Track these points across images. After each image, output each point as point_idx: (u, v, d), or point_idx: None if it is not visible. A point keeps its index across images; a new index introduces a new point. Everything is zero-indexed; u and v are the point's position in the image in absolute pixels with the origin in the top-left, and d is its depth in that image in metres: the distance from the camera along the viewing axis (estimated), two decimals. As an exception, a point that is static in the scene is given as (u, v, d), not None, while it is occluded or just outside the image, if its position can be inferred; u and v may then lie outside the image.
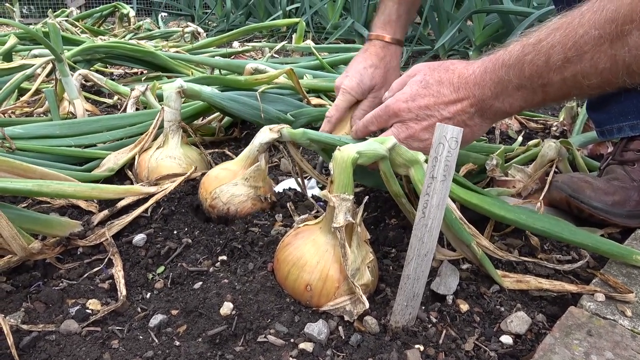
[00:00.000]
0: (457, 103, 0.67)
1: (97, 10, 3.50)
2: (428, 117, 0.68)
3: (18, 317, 0.61)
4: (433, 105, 0.67)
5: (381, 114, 0.73)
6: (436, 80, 0.68)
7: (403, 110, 0.69)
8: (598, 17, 0.52)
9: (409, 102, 0.69)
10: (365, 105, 0.92)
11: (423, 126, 0.69)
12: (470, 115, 0.67)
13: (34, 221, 0.71)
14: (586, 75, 0.55)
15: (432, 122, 0.68)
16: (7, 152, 0.94)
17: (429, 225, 0.54)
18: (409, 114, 0.69)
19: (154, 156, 0.96)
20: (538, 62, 0.58)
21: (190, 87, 0.99)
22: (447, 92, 0.67)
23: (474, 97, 0.65)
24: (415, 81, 0.70)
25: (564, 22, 0.56)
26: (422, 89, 0.68)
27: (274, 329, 0.58)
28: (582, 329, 0.57)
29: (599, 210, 0.81)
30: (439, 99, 0.67)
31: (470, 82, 0.65)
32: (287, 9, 3.60)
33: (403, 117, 0.70)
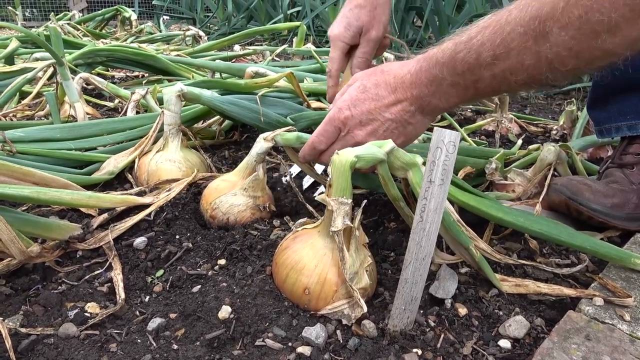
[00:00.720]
0: (397, 104, 0.68)
1: (99, 14, 3.52)
2: (371, 121, 0.69)
3: (17, 320, 0.61)
4: (374, 109, 0.68)
5: (326, 127, 0.72)
6: (373, 84, 0.69)
7: (347, 118, 0.70)
8: (523, 15, 0.54)
9: (351, 109, 0.69)
10: (361, 52, 0.90)
11: (368, 131, 0.70)
12: (412, 114, 0.68)
13: (33, 224, 0.71)
14: (514, 71, 0.57)
15: (375, 126, 0.69)
16: (8, 155, 0.94)
17: (427, 229, 0.54)
18: (353, 121, 0.70)
19: (153, 159, 0.97)
20: (469, 59, 0.59)
21: (190, 91, 0.99)
22: (385, 94, 0.68)
23: (412, 96, 0.67)
24: (353, 88, 0.71)
25: (493, 21, 0.58)
26: (361, 94, 0.69)
27: (272, 332, 0.58)
28: (581, 333, 0.57)
29: (598, 212, 0.81)
30: (379, 102, 0.68)
31: (407, 82, 0.67)
32: (288, 12, 3.61)
33: (348, 125, 0.70)
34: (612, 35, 0.49)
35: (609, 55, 0.52)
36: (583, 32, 0.50)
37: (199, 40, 2.66)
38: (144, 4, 5.69)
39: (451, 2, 2.77)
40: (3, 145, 0.95)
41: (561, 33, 0.51)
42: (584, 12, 0.49)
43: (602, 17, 0.48)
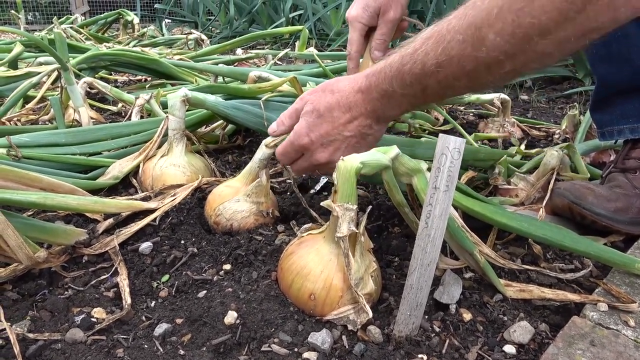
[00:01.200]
0: (354, 120, 0.70)
1: (101, 17, 3.54)
2: (332, 142, 0.72)
3: (24, 326, 0.61)
4: (332, 130, 0.71)
5: (288, 149, 0.75)
6: (325, 108, 0.71)
7: (308, 144, 0.72)
8: (461, 24, 0.56)
9: (310, 135, 0.72)
10: (379, 34, 0.91)
11: (330, 151, 0.72)
12: (369, 126, 0.71)
13: (40, 230, 0.71)
14: (456, 76, 0.60)
15: (337, 145, 0.72)
16: (14, 160, 0.95)
17: (432, 235, 0.54)
18: (314, 145, 0.72)
19: (158, 164, 0.97)
20: (415, 70, 0.62)
21: (195, 96, 1.00)
22: (340, 115, 0.70)
23: (367, 111, 0.70)
24: (306, 112, 0.73)
25: (435, 31, 0.60)
26: (316, 119, 0.71)
27: (277, 338, 0.59)
28: (585, 339, 0.57)
29: (601, 216, 0.82)
30: (334, 123, 0.71)
31: (359, 100, 0.69)
32: (290, 16, 3.62)
33: (310, 149, 0.73)
34: (543, 37, 0.52)
35: (543, 56, 0.54)
36: (516, 36, 0.53)
37: (202, 43, 2.67)
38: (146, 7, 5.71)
39: (453, 5, 2.77)
40: (9, 150, 0.96)
41: (496, 38, 0.54)
42: (516, 16, 0.52)
43: (533, 20, 0.51)
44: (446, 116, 1.44)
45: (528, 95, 2.09)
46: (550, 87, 2.26)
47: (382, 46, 0.92)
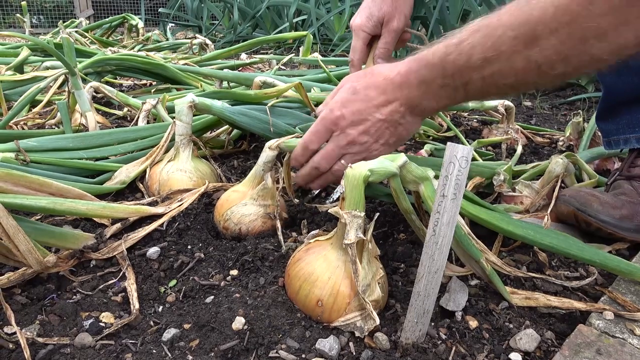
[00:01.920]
0: (388, 105, 0.69)
1: (106, 22, 3.55)
2: (363, 120, 0.70)
3: (34, 330, 0.61)
4: (365, 110, 0.70)
5: (319, 127, 0.74)
6: (363, 86, 0.70)
7: (339, 118, 0.71)
8: (513, 20, 0.56)
9: (342, 109, 0.71)
10: (383, 42, 0.92)
11: (360, 130, 0.71)
12: (402, 114, 0.70)
13: (49, 234, 0.72)
14: (503, 74, 0.58)
15: (367, 126, 0.70)
16: (22, 165, 0.96)
17: (440, 242, 0.54)
18: (344, 121, 0.71)
19: (165, 169, 0.98)
20: (459, 61, 0.60)
21: (202, 102, 1.00)
22: (375, 95, 0.69)
23: (402, 97, 0.68)
24: (344, 89, 0.72)
25: (483, 24, 0.59)
26: (351, 95, 0.71)
27: (285, 344, 0.59)
28: (592, 347, 0.57)
29: (606, 223, 0.82)
30: (369, 102, 0.70)
31: (396, 83, 0.68)
32: (294, 21, 3.64)
33: (340, 125, 0.71)
34: (599, 41, 0.51)
35: (597, 61, 0.53)
36: (572, 37, 0.52)
37: (206, 48, 2.68)
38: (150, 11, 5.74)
39: (456, 11, 2.78)
40: (17, 154, 0.97)
41: (551, 38, 0.53)
42: (572, 17, 0.51)
43: (590, 24, 0.50)
44: (449, 123, 1.44)
45: (531, 101, 2.10)
46: (554, 93, 2.26)
47: (385, 54, 0.93)
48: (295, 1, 3.56)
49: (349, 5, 3.27)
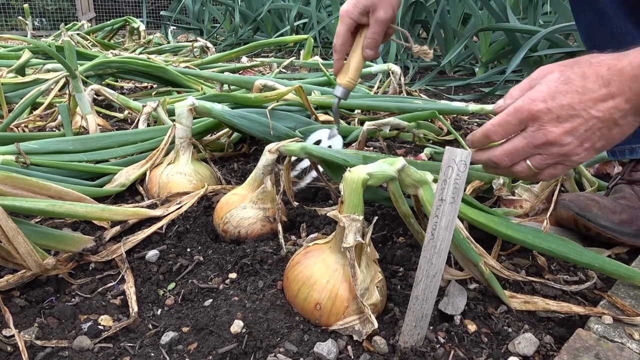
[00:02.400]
0: (609, 100, 0.57)
1: (108, 24, 3.57)
2: (572, 117, 0.58)
3: (32, 333, 0.61)
4: (578, 104, 0.58)
5: (509, 119, 0.61)
6: (579, 75, 0.59)
7: (542, 112, 0.59)
8: None
9: (548, 102, 0.59)
10: (370, 32, 0.90)
11: (565, 129, 0.59)
12: (624, 114, 0.58)
13: (48, 237, 0.72)
14: None
15: (576, 124, 0.59)
16: (22, 167, 0.96)
17: (438, 246, 0.54)
18: (548, 115, 0.59)
19: (164, 172, 0.98)
20: None
21: (202, 105, 1.01)
22: (594, 87, 0.58)
23: (631, 92, 0.56)
24: (551, 79, 0.60)
25: None
26: (563, 86, 0.59)
27: (283, 347, 0.59)
28: (590, 351, 0.57)
29: (606, 228, 0.82)
30: (584, 95, 0.58)
31: (627, 74, 0.56)
32: (295, 24, 3.64)
33: (541, 120, 0.60)
34: None
35: None
36: None
37: (207, 51, 2.69)
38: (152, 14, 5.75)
39: (456, 15, 2.79)
40: (18, 157, 0.97)
41: None
42: None
43: None
44: (449, 127, 1.44)
45: (532, 105, 2.10)
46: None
47: (373, 45, 0.92)
48: (296, 4, 3.58)
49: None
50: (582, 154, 0.60)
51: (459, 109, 1.49)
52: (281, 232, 0.80)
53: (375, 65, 1.99)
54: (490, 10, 2.48)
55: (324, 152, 0.81)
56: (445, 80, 2.55)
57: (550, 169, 0.62)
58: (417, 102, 1.48)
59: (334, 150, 0.87)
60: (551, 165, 0.62)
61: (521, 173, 0.64)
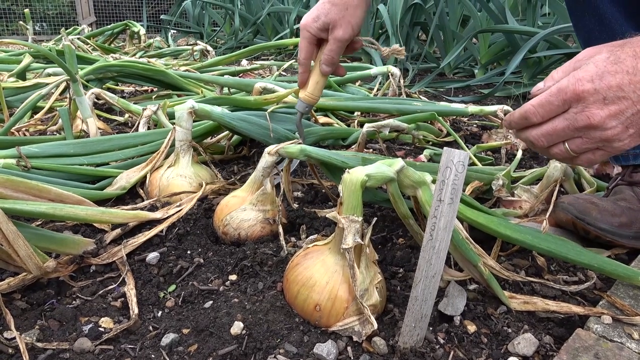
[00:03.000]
0: None
1: (108, 28, 3.58)
2: (619, 99, 0.55)
3: (33, 335, 0.62)
4: (628, 84, 0.54)
5: (552, 99, 0.58)
6: (630, 55, 0.55)
7: (587, 92, 0.55)
8: None
9: (595, 82, 0.55)
10: (327, 49, 0.90)
11: (611, 112, 0.55)
12: None
13: (49, 240, 0.72)
14: None
15: (623, 107, 0.55)
16: (23, 171, 0.96)
17: (437, 247, 0.55)
18: (594, 97, 0.55)
19: (165, 175, 0.98)
20: None
21: (202, 108, 1.01)
22: None
23: None
24: (600, 59, 0.56)
25: None
26: (612, 65, 0.55)
27: (283, 348, 0.59)
28: (590, 351, 0.57)
29: (605, 231, 0.82)
30: (635, 76, 0.54)
31: None
32: (295, 27, 3.65)
33: (586, 101, 0.56)
34: None
35: None
36: None
37: (207, 54, 2.70)
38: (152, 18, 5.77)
39: (455, 17, 2.80)
40: (19, 160, 0.97)
41: None
42: None
43: None
44: (448, 128, 1.44)
45: (531, 106, 2.10)
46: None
47: (330, 62, 0.92)
48: (296, 8, 3.59)
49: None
50: (626, 140, 0.57)
51: (458, 110, 1.49)
52: (282, 233, 0.80)
53: (375, 67, 1.99)
54: (489, 12, 2.49)
55: (323, 154, 0.81)
56: (444, 82, 2.55)
57: (589, 154, 0.59)
58: (416, 104, 1.48)
59: (333, 152, 0.87)
60: (590, 150, 0.59)
61: (557, 155, 0.62)
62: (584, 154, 0.59)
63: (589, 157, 0.60)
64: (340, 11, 0.87)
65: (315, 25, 0.88)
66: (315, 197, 1.04)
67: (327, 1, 0.88)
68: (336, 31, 0.88)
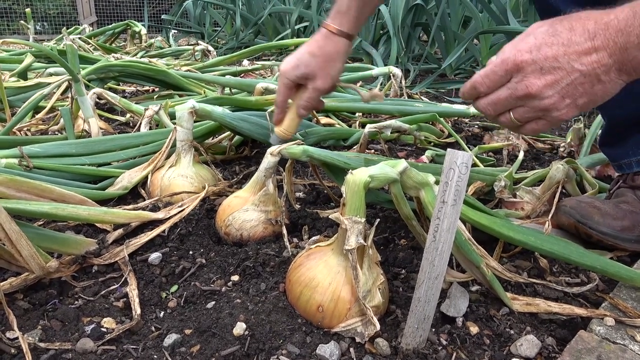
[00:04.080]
0: (593, 53, 0.56)
1: (109, 28, 3.58)
2: (554, 69, 0.58)
3: (36, 335, 0.62)
4: (562, 56, 0.57)
5: (496, 69, 0.61)
6: (566, 28, 0.58)
7: (526, 62, 0.59)
8: None
9: (533, 52, 0.58)
10: (305, 97, 0.92)
11: (547, 81, 0.58)
12: (607, 69, 0.57)
13: (51, 240, 0.72)
14: None
15: (558, 77, 0.58)
16: (25, 170, 0.96)
17: (440, 248, 0.55)
18: (532, 66, 0.59)
19: (166, 175, 0.98)
20: None
21: (202, 108, 1.01)
22: (580, 40, 0.57)
23: (615, 46, 0.56)
24: (540, 31, 0.60)
25: None
26: (549, 37, 0.58)
27: (286, 349, 0.59)
28: (592, 353, 0.57)
29: (607, 235, 0.82)
30: (569, 48, 0.57)
31: (612, 27, 0.56)
32: (296, 27, 3.66)
33: (524, 71, 0.59)
34: None
35: None
36: None
37: (208, 54, 2.70)
38: (153, 18, 5.77)
39: (457, 18, 2.80)
40: (20, 160, 0.97)
41: None
42: None
43: None
44: (449, 129, 1.44)
45: (532, 107, 2.10)
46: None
47: (308, 108, 0.94)
48: (297, 8, 3.59)
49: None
50: (564, 110, 0.60)
51: (459, 111, 1.49)
52: (286, 234, 0.80)
53: (376, 68, 1.99)
54: (491, 12, 2.49)
55: (326, 154, 0.81)
56: (446, 83, 2.55)
57: (532, 123, 0.63)
58: (418, 105, 1.48)
59: (336, 152, 0.87)
60: (533, 120, 0.62)
61: (504, 124, 0.65)
62: (527, 123, 0.63)
63: (532, 126, 0.63)
64: (320, 63, 0.89)
65: (294, 73, 0.90)
66: (317, 197, 1.04)
67: (307, 51, 0.89)
68: (316, 81, 0.90)
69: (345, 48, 0.91)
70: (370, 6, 0.92)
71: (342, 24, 0.89)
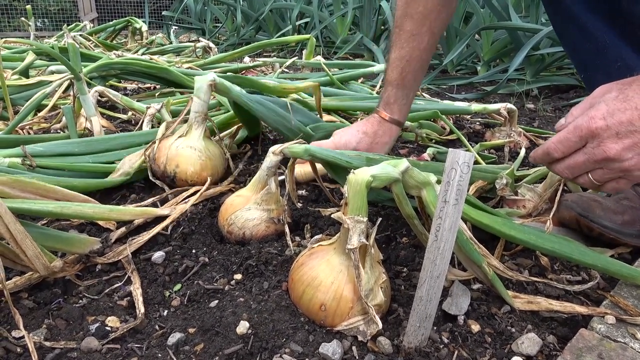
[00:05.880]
0: None
1: (110, 25, 3.58)
2: (631, 133, 0.60)
3: (41, 334, 0.62)
4: (637, 120, 0.60)
5: (569, 136, 0.64)
6: (637, 92, 0.61)
7: (601, 129, 0.61)
8: None
9: (607, 119, 0.61)
10: None
11: (625, 145, 0.60)
12: None
13: (55, 239, 0.73)
14: None
15: (636, 139, 0.60)
16: (28, 170, 0.97)
17: (442, 248, 0.55)
18: (607, 132, 0.61)
19: (174, 144, 0.98)
20: None
21: (222, 83, 1.01)
22: None
23: None
24: (610, 97, 0.62)
25: None
26: (621, 103, 0.61)
27: (289, 348, 0.60)
28: (593, 351, 0.58)
29: (608, 229, 0.82)
30: None
31: None
32: (297, 23, 3.65)
33: (600, 137, 0.62)
34: None
35: None
36: None
37: (209, 51, 2.70)
38: (154, 14, 5.76)
39: (458, 14, 2.79)
40: (24, 159, 0.98)
41: None
42: None
43: None
44: (451, 126, 1.45)
45: (534, 104, 2.10)
46: (557, 95, 2.27)
47: None
48: (298, 4, 3.58)
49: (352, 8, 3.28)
50: None
51: (461, 108, 1.49)
52: (288, 233, 0.80)
53: (377, 64, 1.99)
54: (492, 8, 2.48)
55: (328, 154, 0.81)
56: (447, 79, 2.55)
57: (613, 182, 0.65)
58: (419, 102, 1.48)
59: (338, 152, 0.87)
60: (613, 180, 0.64)
61: (584, 184, 0.68)
62: (607, 183, 0.65)
63: (613, 185, 0.66)
64: (369, 144, 0.97)
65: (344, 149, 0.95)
66: (319, 196, 1.04)
67: (361, 131, 0.97)
68: None
69: (395, 132, 1.01)
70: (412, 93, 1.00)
71: (392, 112, 0.99)
